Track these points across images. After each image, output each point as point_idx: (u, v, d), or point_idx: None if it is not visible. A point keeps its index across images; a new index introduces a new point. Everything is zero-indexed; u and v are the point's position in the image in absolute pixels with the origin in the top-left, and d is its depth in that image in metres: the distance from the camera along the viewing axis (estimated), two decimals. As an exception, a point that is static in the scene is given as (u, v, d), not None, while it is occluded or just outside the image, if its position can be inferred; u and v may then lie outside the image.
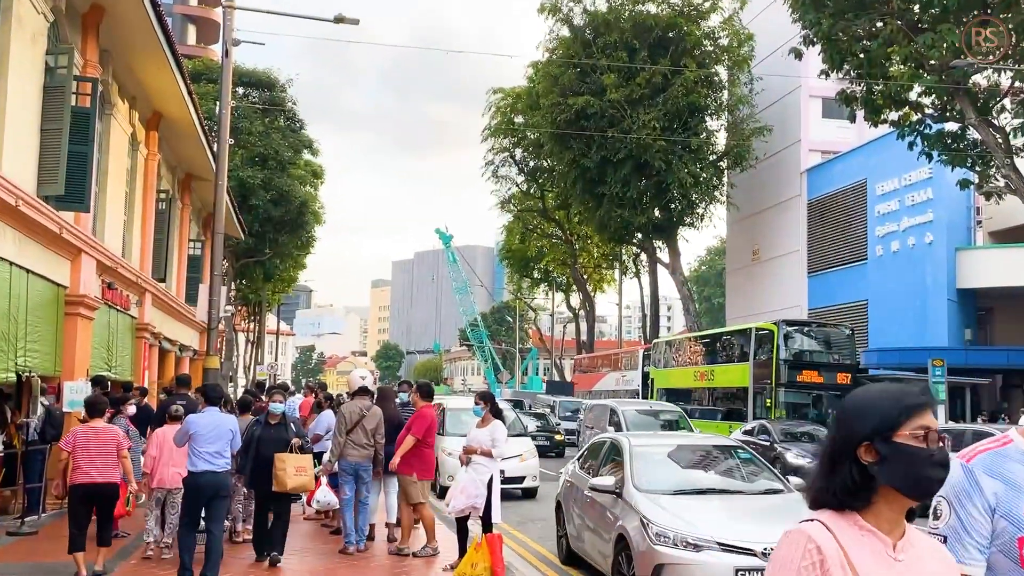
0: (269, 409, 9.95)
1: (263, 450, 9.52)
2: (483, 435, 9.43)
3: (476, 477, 9.24)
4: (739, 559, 7.44)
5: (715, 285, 79.27)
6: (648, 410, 22.50)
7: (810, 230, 40.85)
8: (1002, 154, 22.28)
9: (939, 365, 25.85)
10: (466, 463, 9.37)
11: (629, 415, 21.18)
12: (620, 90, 37.52)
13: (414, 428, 9.91)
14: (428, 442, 10.01)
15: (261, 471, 9.49)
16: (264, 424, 9.87)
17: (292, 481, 9.35)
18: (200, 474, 8.57)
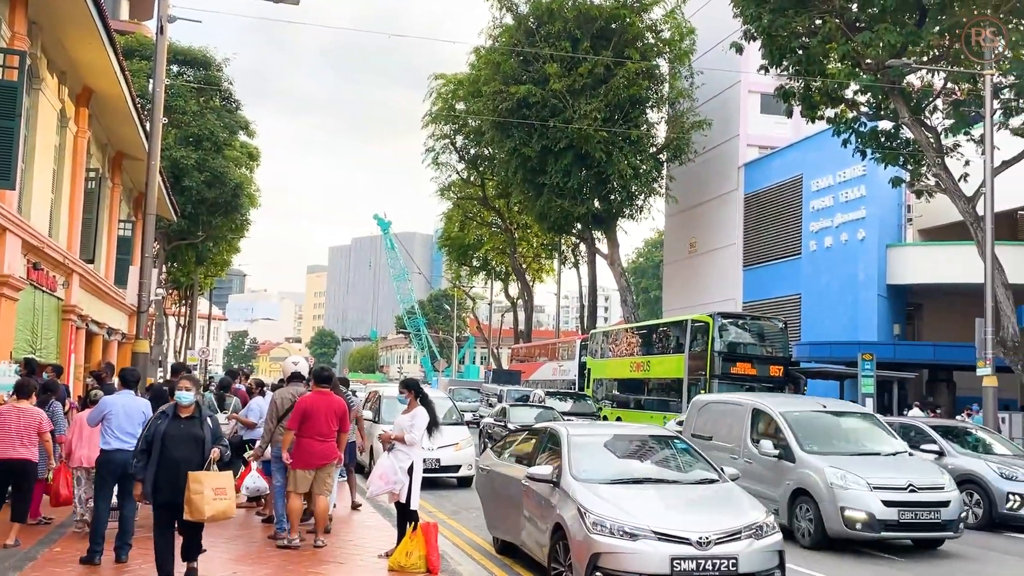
0: (176, 399, 7.80)
1: (171, 451, 7.54)
2: (404, 422, 9.41)
3: (395, 463, 9.20)
4: (674, 548, 7.53)
5: (652, 277, 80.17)
6: (820, 411, 13.44)
7: (746, 224, 41.50)
8: (933, 153, 22.89)
9: (868, 359, 26.47)
10: (388, 448, 9.34)
11: (796, 421, 12.61)
12: (562, 80, 37.62)
13: (288, 420, 9.79)
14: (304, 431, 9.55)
15: (168, 479, 7.48)
16: (172, 417, 7.72)
17: (211, 508, 7.45)
18: (113, 451, 8.80)
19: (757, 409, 13.30)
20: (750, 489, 10.28)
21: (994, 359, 20.69)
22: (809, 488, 11.59)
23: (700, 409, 15.15)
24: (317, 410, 9.61)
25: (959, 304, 30.11)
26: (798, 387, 28.81)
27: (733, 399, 15.02)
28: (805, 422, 12.74)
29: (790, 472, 12.00)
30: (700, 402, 15.72)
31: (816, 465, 11.69)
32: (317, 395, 9.78)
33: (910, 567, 10.80)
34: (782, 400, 14.91)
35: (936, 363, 31.40)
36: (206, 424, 7.78)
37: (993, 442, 16.31)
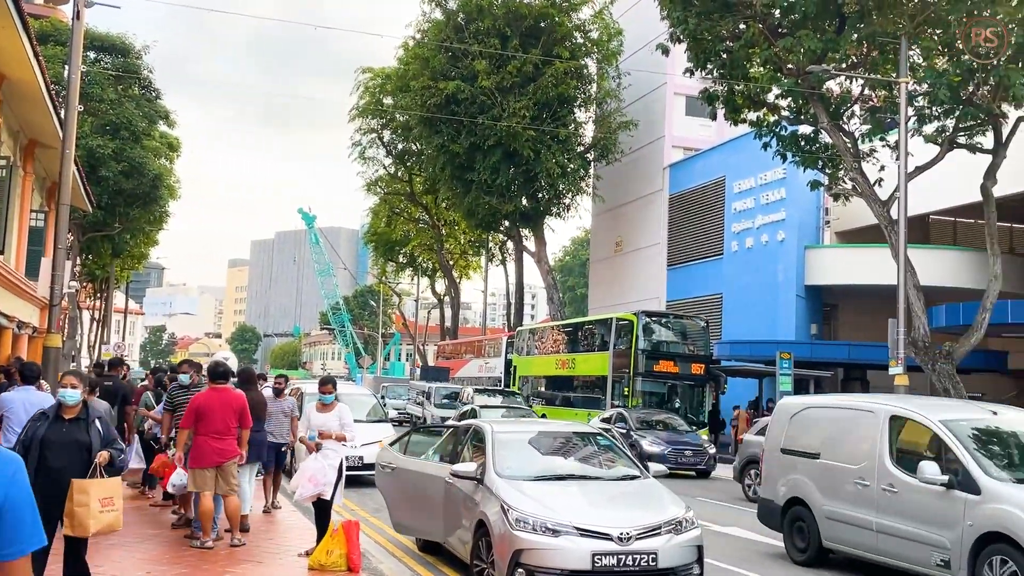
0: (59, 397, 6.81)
1: (50, 458, 6.56)
2: (331, 420, 9.29)
3: (326, 463, 9.10)
4: (596, 543, 7.62)
5: (579, 275, 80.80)
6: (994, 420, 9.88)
7: (671, 224, 42.14)
8: (851, 158, 23.53)
9: (786, 358, 27.13)
10: (316, 449, 9.20)
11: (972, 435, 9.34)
12: (491, 77, 37.65)
13: (182, 418, 9.61)
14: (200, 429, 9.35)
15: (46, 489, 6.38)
16: (53, 420, 6.72)
17: (96, 522, 6.59)
18: None
19: (898, 416, 9.87)
20: (896, 530, 9.10)
21: (905, 358, 21.37)
22: (1010, 531, 8.19)
23: (793, 416, 11.44)
24: (212, 407, 9.39)
25: (873, 305, 31.04)
26: (719, 385, 29.38)
27: (851, 402, 11.45)
28: (984, 436, 9.40)
29: (972, 508, 8.55)
30: (792, 407, 11.81)
31: (1018, 498, 8.34)
32: (213, 392, 9.57)
33: None
34: (933, 404, 10.82)
35: (851, 362, 32.34)
36: (93, 427, 6.77)
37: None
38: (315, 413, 9.45)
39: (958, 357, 22.75)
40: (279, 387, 12.89)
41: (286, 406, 12.58)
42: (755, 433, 18.28)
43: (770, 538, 12.57)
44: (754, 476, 17.36)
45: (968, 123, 22.60)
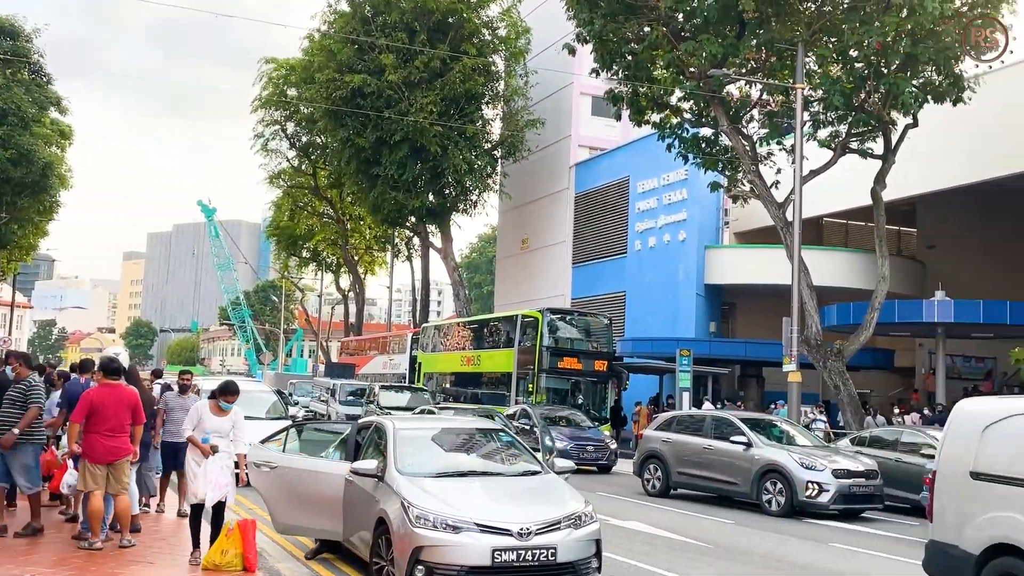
0: None
1: None
2: (225, 424, 9.08)
3: (223, 464, 8.91)
4: (496, 539, 7.66)
5: (486, 272, 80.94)
6: None
7: (576, 222, 42.62)
8: (749, 161, 24.21)
9: (686, 355, 27.73)
10: (212, 452, 8.98)
11: None
12: (398, 71, 37.37)
13: (73, 413, 9.31)
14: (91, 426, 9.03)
15: None
16: None
17: None
18: None
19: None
20: None
21: (798, 356, 22.11)
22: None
23: (990, 428, 7.79)
24: (106, 404, 9.08)
25: (769, 303, 32.02)
26: (621, 382, 29.86)
27: None
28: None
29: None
30: (986, 414, 8.01)
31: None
32: (105, 388, 9.25)
33: (707, 551, 11.42)
34: None
35: (747, 359, 33.29)
36: None
37: (796, 434, 17.45)
38: (209, 415, 9.16)
39: (848, 355, 23.67)
40: (185, 383, 12.48)
41: (190, 403, 12.19)
42: (654, 428, 18.65)
43: (669, 532, 12.86)
44: (653, 471, 17.72)
45: (860, 129, 23.52)
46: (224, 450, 8.97)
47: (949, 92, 21.82)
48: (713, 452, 16.55)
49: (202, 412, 9.17)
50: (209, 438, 9.00)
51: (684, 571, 10.12)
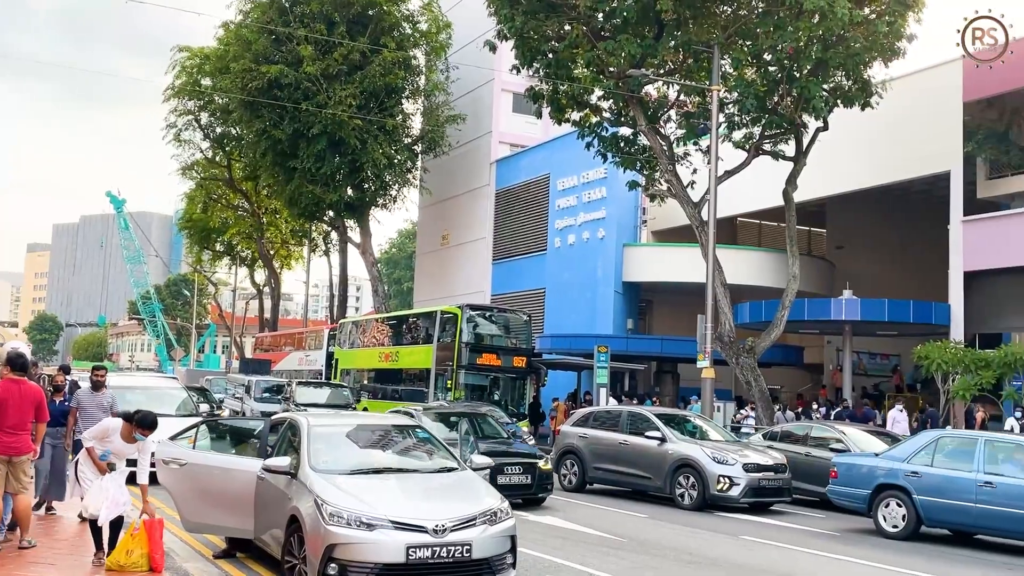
0: None
1: None
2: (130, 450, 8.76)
3: (120, 482, 8.66)
4: (410, 536, 7.67)
5: (405, 268, 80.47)
6: None
7: (497, 219, 42.70)
8: (666, 161, 24.61)
9: (603, 351, 28.05)
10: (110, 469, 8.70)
11: None
12: (317, 63, 36.86)
13: None
14: None
15: None
16: None
17: None
18: None
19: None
20: None
21: (712, 352, 22.59)
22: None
23: None
24: (9, 400, 8.78)
25: (684, 301, 32.58)
26: (539, 378, 30.05)
27: None
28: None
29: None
30: None
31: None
32: (11, 383, 8.93)
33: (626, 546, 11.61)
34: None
35: (663, 356, 33.86)
36: None
37: (709, 429, 17.84)
38: (118, 438, 8.80)
39: (759, 351, 24.28)
40: (99, 380, 12.07)
41: (105, 400, 11.83)
42: (571, 424, 18.85)
43: (584, 527, 13.02)
44: (570, 466, 17.90)
45: (773, 131, 24.11)
46: (121, 467, 8.75)
47: (858, 97, 22.53)
48: (628, 447, 16.81)
49: (111, 431, 8.86)
50: (108, 455, 8.72)
51: (598, 565, 10.25)
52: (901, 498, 13.52)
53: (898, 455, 14.11)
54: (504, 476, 14.19)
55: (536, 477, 14.98)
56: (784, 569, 10.77)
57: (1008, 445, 13.34)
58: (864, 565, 11.29)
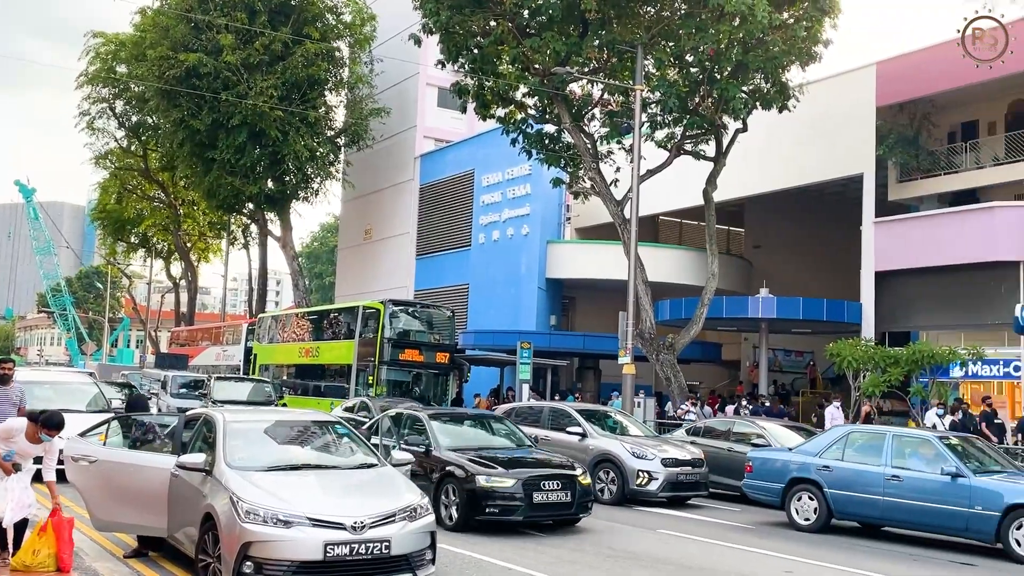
0: None
1: None
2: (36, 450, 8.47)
3: (26, 484, 8.38)
4: (329, 534, 7.60)
5: (327, 262, 79.51)
6: None
7: (421, 214, 42.52)
8: (590, 159, 24.83)
9: (527, 347, 28.17)
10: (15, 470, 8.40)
11: None
12: (237, 53, 36.17)
13: None
14: None
15: None
16: None
17: None
18: None
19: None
20: None
21: (633, 349, 22.88)
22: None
23: None
24: None
25: (607, 298, 32.95)
26: (462, 374, 30.02)
27: None
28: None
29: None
30: None
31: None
32: None
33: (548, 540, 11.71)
34: None
35: (585, 352, 34.17)
36: None
37: (629, 425, 18.06)
38: (23, 438, 8.51)
39: (679, 348, 24.70)
40: (6, 373, 11.61)
41: (14, 394, 11.41)
42: (493, 420, 18.85)
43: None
44: (491, 462, 17.91)
45: (694, 132, 24.53)
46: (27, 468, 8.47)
47: (776, 99, 23.07)
48: (550, 442, 16.89)
49: (16, 431, 8.54)
50: (12, 455, 8.42)
51: (518, 560, 10.30)
52: (813, 491, 13.91)
53: (810, 450, 14.51)
54: (540, 494, 12.13)
55: (576, 494, 12.44)
56: (701, 563, 10.98)
57: (914, 440, 13.81)
58: (777, 557, 11.58)
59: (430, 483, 12.39)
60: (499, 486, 11.96)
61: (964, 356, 22.15)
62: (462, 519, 12.07)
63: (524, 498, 12.02)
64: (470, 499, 11.97)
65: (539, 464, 12.87)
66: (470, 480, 12.03)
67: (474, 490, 11.93)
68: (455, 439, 13.56)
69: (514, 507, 12.02)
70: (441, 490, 12.39)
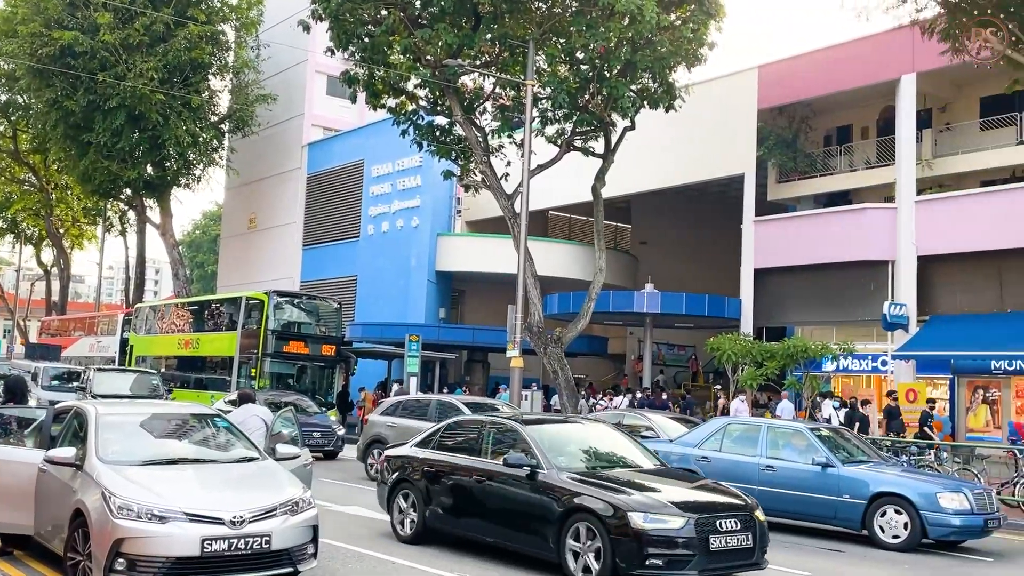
0: None
1: None
2: None
3: None
4: (206, 528, 7.42)
5: (210, 251, 77.35)
6: None
7: (308, 203, 41.82)
8: (481, 152, 24.86)
9: (415, 340, 28.08)
10: None
11: None
12: (115, 32, 34.76)
13: None
14: None
15: None
16: None
17: None
18: None
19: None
20: None
21: (521, 342, 23.06)
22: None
23: None
24: None
25: (496, 291, 33.13)
26: (349, 366, 29.74)
27: None
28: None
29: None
30: None
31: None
32: None
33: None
34: None
35: (474, 345, 34.28)
36: None
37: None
38: None
39: (566, 341, 24.99)
40: None
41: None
42: (380, 413, 18.76)
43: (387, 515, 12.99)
44: (376, 456, 17.78)
45: (584, 128, 24.84)
46: None
47: (663, 99, 23.56)
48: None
49: None
50: None
51: (402, 554, 10.28)
52: (692, 481, 14.31)
53: (691, 441, 14.95)
54: (718, 537, 8.76)
55: (756, 535, 9.18)
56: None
57: (787, 431, 14.39)
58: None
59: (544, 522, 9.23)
60: (664, 528, 8.50)
61: (836, 351, 23.19)
62: (609, 573, 8.59)
63: (699, 544, 8.57)
64: (620, 546, 8.51)
65: (703, 491, 9.64)
66: (619, 518, 8.55)
67: (627, 533, 8.48)
68: (568, 455, 10.07)
69: (686, 558, 8.53)
70: (567, 531, 8.98)
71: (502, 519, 9.87)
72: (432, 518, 10.74)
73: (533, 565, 9.70)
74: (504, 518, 9.84)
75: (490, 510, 10.01)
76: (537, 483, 9.42)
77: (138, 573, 7.29)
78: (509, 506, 9.70)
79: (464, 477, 10.38)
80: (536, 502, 9.36)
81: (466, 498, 10.35)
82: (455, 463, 10.63)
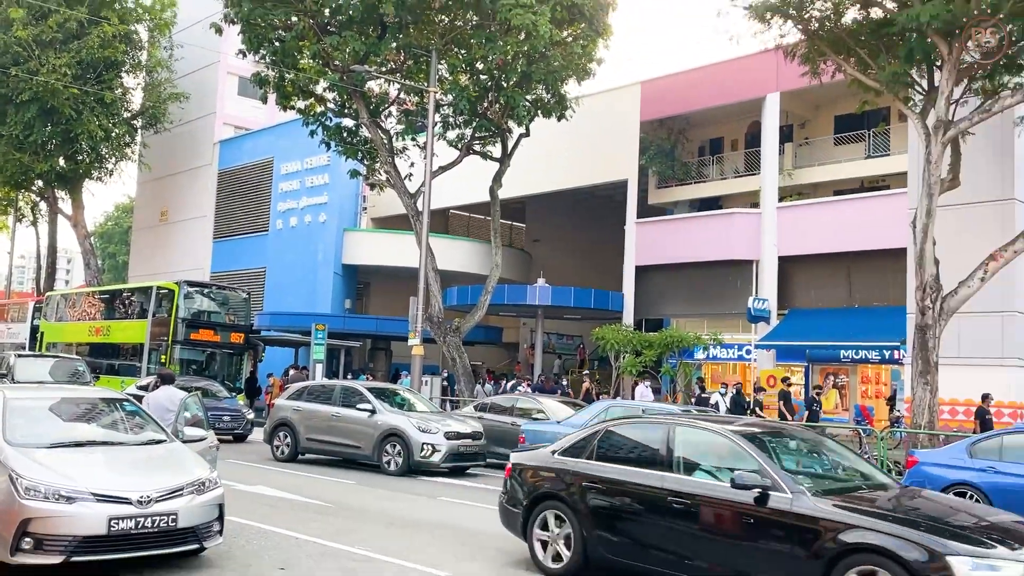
0: None
1: None
2: None
3: None
4: (113, 508, 7.20)
5: (122, 242, 74.40)
6: None
7: (219, 198, 40.71)
8: (386, 153, 24.70)
9: (321, 329, 27.69)
10: None
11: None
12: (29, 28, 33.09)
13: None
14: None
15: None
16: None
17: None
18: None
19: None
20: None
21: (422, 331, 23.04)
22: None
23: None
24: None
25: (400, 284, 32.97)
26: (256, 354, 29.15)
27: None
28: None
29: None
30: None
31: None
32: None
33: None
34: None
35: (378, 334, 34.05)
36: None
37: (416, 402, 18.16)
38: None
39: (464, 331, 25.10)
40: None
41: None
42: (286, 398, 18.44)
43: (293, 494, 12.84)
44: (282, 438, 17.52)
45: (482, 134, 24.95)
46: None
47: (555, 109, 23.86)
48: (340, 419, 16.74)
49: None
50: None
51: (304, 529, 10.15)
52: (576, 459, 14.53)
53: (576, 422, 15.19)
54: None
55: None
56: (477, 526, 11.25)
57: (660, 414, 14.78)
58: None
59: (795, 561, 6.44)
60: None
61: (706, 341, 23.95)
62: None
63: None
64: None
65: None
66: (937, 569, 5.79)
67: None
68: (808, 476, 7.42)
69: None
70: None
71: (717, 556, 6.99)
72: (597, 547, 7.80)
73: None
74: (718, 555, 6.97)
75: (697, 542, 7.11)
76: (779, 510, 6.58)
77: (44, 551, 7.03)
78: (727, 539, 6.93)
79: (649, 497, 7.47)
80: (775, 536, 6.62)
81: (653, 526, 7.40)
82: (634, 481, 7.65)
